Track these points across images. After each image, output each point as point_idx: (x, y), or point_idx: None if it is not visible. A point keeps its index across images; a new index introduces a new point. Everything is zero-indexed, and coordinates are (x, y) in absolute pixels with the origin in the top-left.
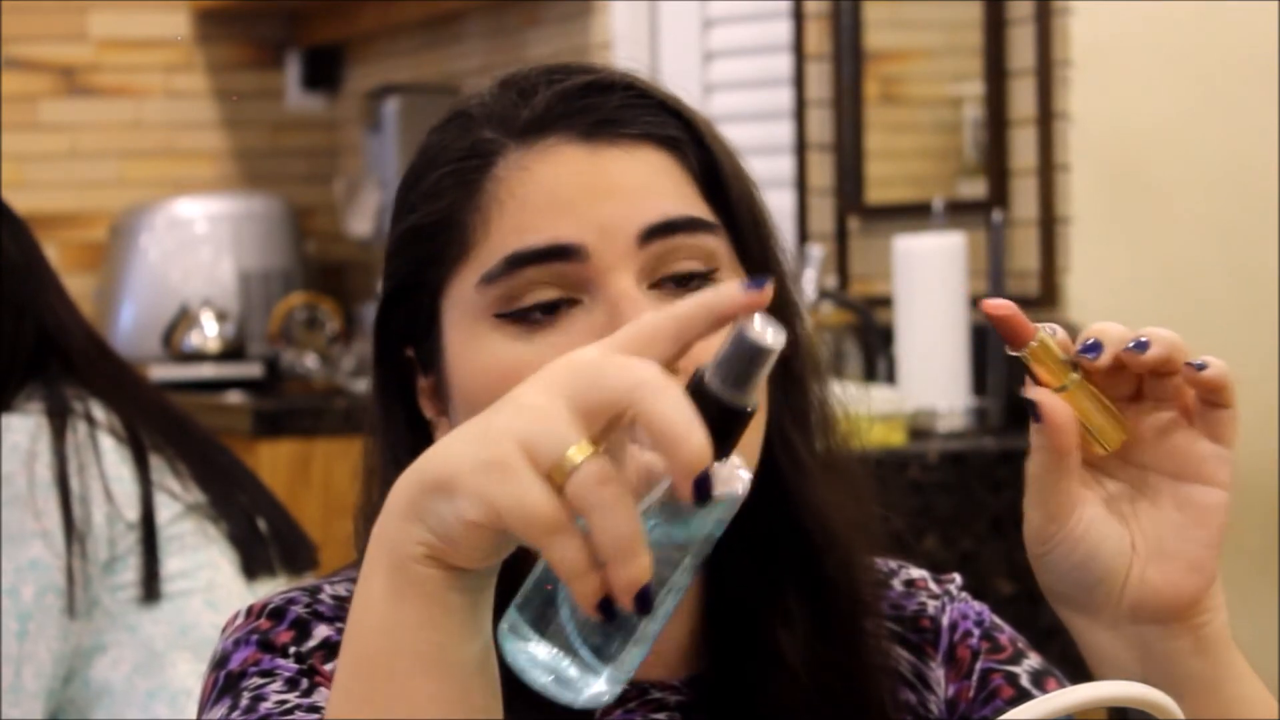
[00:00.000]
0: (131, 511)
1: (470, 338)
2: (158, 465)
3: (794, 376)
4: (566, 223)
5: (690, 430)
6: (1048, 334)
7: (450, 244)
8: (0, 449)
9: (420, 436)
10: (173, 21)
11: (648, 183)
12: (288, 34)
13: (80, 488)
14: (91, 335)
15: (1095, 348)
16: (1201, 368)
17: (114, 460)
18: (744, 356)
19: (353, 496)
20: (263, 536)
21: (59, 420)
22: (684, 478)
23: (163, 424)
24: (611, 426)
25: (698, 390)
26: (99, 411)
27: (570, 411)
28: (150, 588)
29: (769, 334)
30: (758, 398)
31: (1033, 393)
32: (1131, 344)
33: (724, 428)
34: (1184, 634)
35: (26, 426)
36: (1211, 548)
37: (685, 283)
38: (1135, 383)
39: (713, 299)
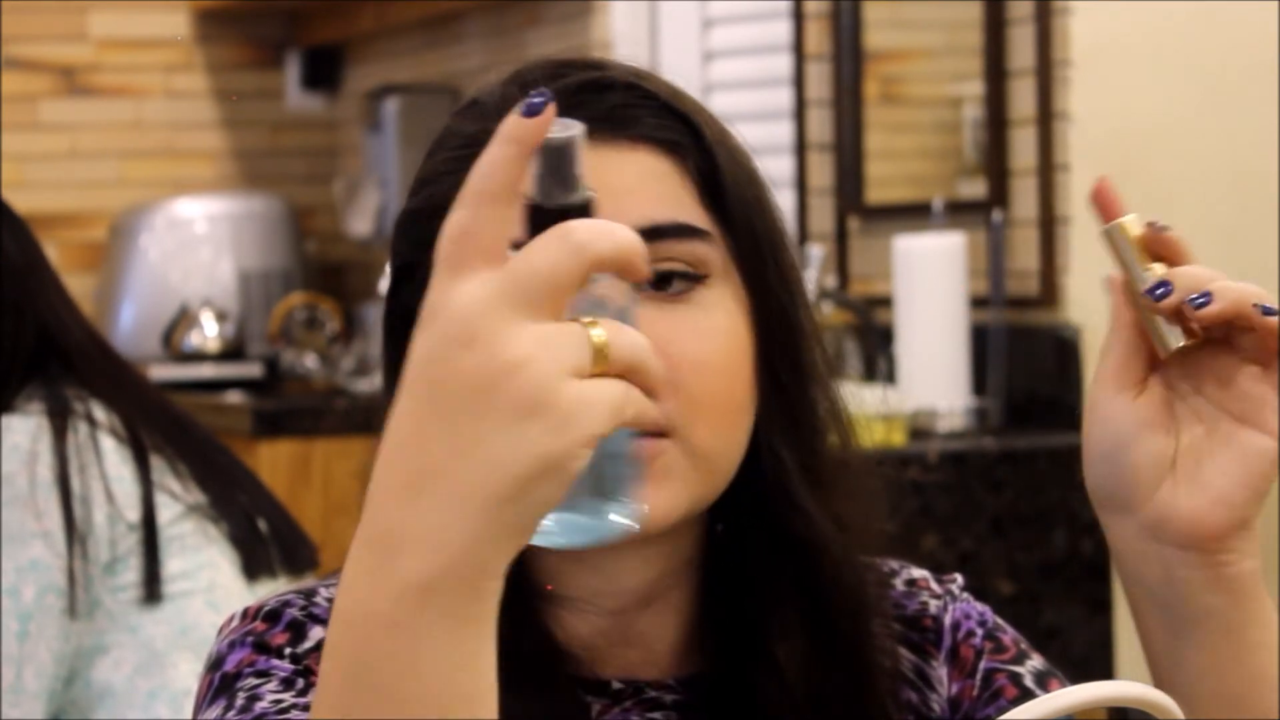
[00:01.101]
0: (132, 512)
1: None
2: (158, 466)
3: (782, 383)
4: None
5: (618, 230)
6: (1130, 222)
7: (442, 230)
8: (1, 449)
9: None
10: (173, 21)
11: (638, 186)
12: (288, 34)
13: (81, 488)
14: (92, 335)
15: (1164, 289)
16: (1269, 312)
17: (115, 461)
18: (557, 157)
19: (353, 496)
20: (263, 537)
21: (60, 421)
22: (637, 259)
23: (163, 424)
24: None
25: (537, 211)
26: (100, 412)
27: (547, 322)
28: (151, 589)
29: (566, 126)
30: (589, 183)
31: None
32: (1195, 296)
33: None
34: (1202, 566)
35: (27, 427)
36: (1246, 489)
37: (664, 283)
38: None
39: (510, 139)
